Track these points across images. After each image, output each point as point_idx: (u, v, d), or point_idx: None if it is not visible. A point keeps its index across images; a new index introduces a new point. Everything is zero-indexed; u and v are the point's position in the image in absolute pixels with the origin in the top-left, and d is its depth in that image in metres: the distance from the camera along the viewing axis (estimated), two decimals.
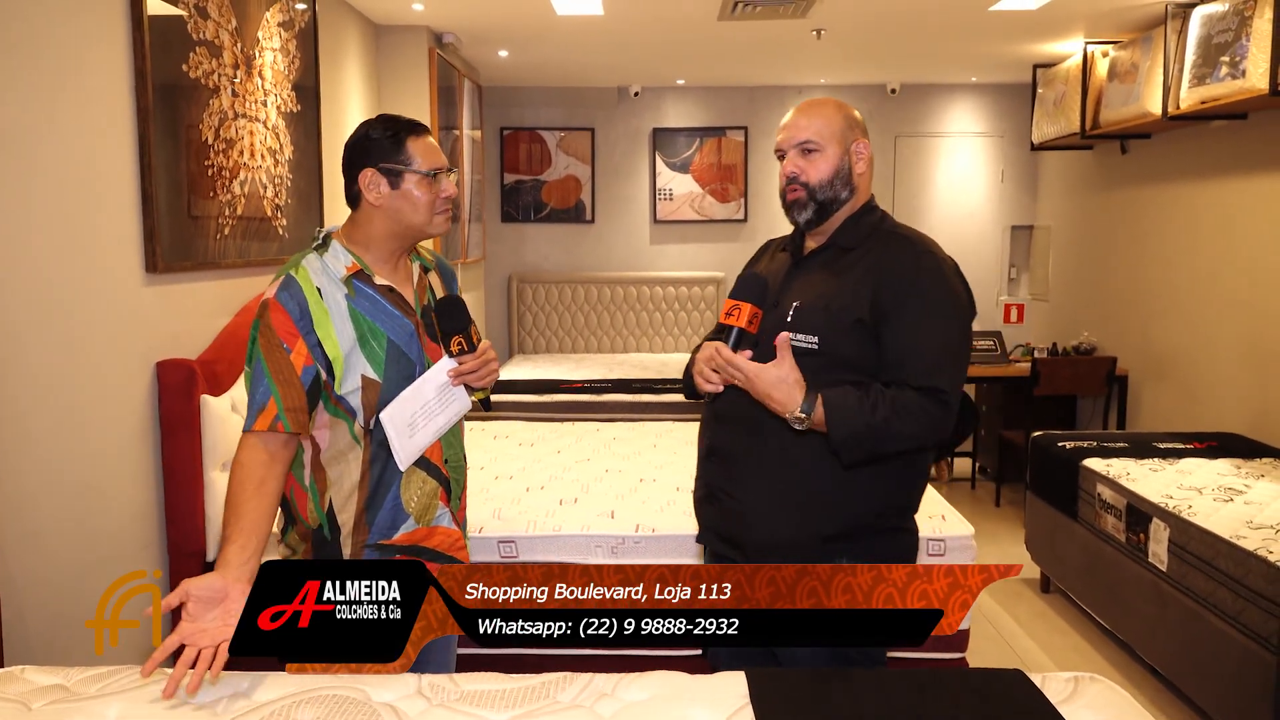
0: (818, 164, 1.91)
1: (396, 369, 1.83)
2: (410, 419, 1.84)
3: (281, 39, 3.70)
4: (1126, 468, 3.79)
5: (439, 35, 5.49)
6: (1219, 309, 4.82)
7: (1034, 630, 3.92)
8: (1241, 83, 3.97)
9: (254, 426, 1.73)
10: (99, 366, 2.60)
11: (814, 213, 1.92)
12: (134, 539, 2.74)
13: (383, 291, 1.86)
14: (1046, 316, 6.95)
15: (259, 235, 3.51)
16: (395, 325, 1.85)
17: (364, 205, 1.85)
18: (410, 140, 1.83)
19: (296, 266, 1.81)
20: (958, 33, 5.59)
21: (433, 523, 1.91)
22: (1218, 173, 4.85)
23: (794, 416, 1.75)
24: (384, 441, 1.83)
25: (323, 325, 1.77)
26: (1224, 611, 2.93)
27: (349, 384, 1.79)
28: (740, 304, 1.84)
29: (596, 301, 7.60)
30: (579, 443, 4.06)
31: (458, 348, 1.87)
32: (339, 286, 1.81)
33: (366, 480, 1.84)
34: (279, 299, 1.77)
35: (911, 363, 1.79)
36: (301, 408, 1.75)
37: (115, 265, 2.68)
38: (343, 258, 1.83)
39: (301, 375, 1.74)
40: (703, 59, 6.45)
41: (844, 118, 1.95)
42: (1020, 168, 7.49)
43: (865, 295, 1.82)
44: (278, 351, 1.74)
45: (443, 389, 1.87)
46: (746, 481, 1.90)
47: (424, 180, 1.83)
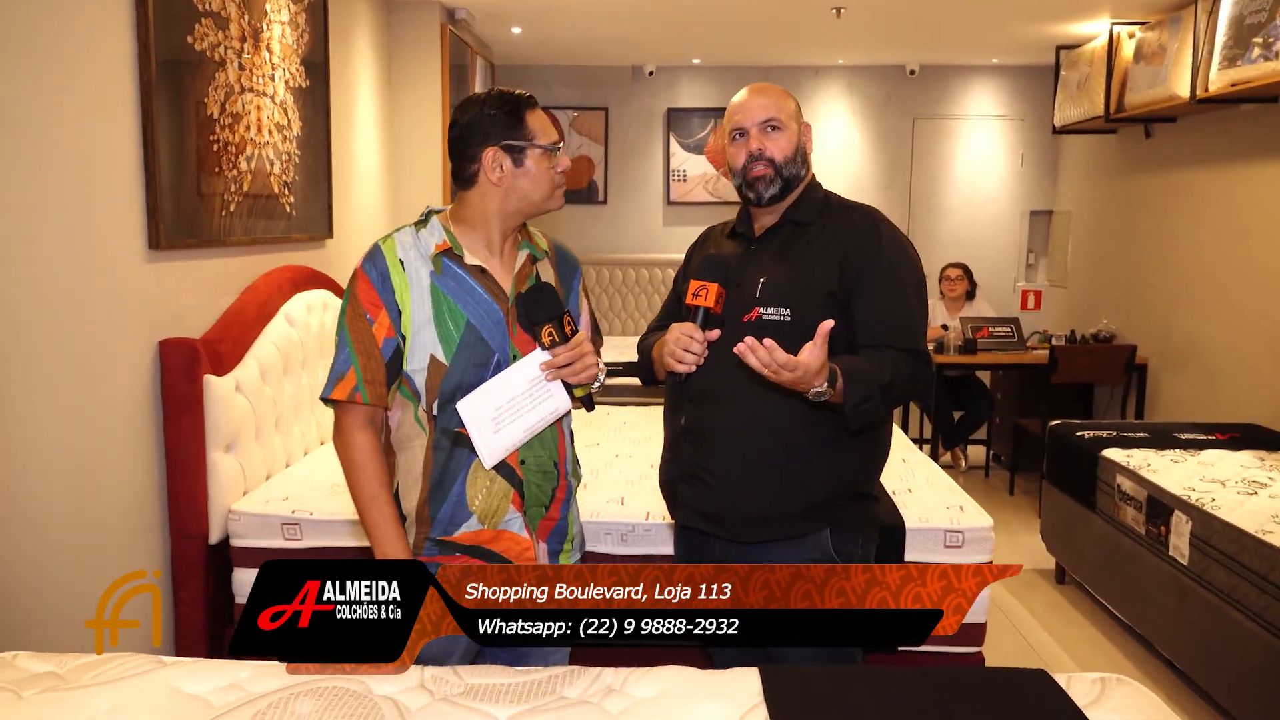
0: (780, 141, 1.96)
1: (469, 355, 1.74)
2: (494, 413, 1.75)
3: (290, 12, 3.63)
4: (1147, 458, 3.71)
5: (451, 11, 5.41)
6: (1242, 298, 4.72)
7: (1049, 623, 3.85)
8: (1275, 64, 3.86)
9: (332, 395, 1.73)
10: (100, 345, 2.55)
11: (779, 189, 1.97)
12: (135, 522, 2.70)
13: (473, 272, 1.78)
14: (1064, 303, 6.85)
15: (265, 213, 3.46)
16: (480, 309, 1.76)
17: (481, 184, 1.78)
18: (529, 115, 1.78)
19: (387, 239, 1.78)
20: (980, 12, 5.47)
21: (500, 525, 1.81)
22: (1246, 157, 4.73)
23: (816, 391, 1.74)
24: (448, 430, 1.75)
25: (402, 296, 1.73)
26: (1247, 607, 2.86)
27: (415, 362, 1.74)
28: (707, 284, 1.86)
29: (609, 283, 7.53)
30: (589, 427, 4.00)
31: (549, 339, 1.76)
32: (426, 262, 1.76)
33: (430, 470, 1.77)
34: (364, 268, 1.75)
35: (891, 327, 1.87)
36: (381, 380, 1.73)
37: (117, 242, 2.62)
38: (437, 234, 1.78)
39: (383, 347, 1.72)
40: (719, 37, 6.35)
41: (794, 101, 2.03)
42: (1040, 151, 7.37)
43: (833, 268, 1.90)
44: (361, 322, 1.73)
45: (535, 384, 1.77)
46: (726, 459, 1.93)
47: (545, 155, 1.78)
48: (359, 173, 4.66)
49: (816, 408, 1.82)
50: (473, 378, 1.75)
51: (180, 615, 2.85)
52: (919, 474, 3.33)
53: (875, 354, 1.84)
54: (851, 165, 7.46)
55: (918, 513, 2.90)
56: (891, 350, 1.85)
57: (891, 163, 7.52)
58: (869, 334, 1.88)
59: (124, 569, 2.61)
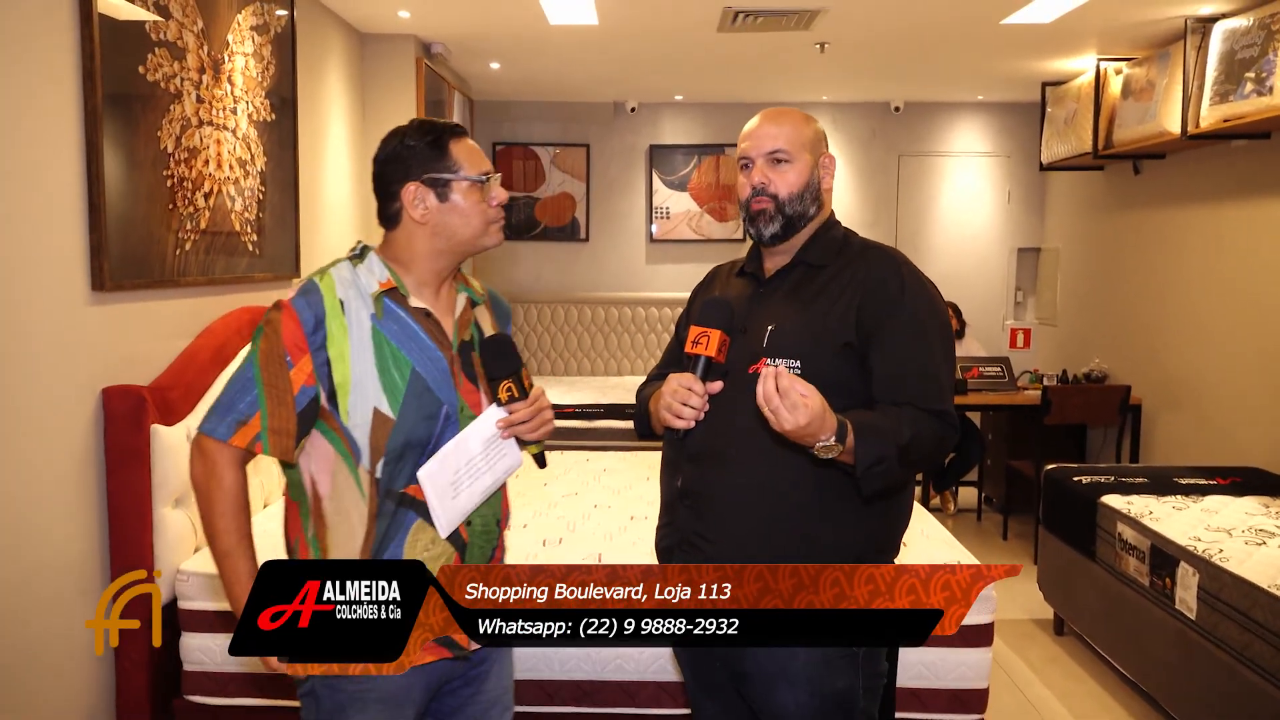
0: (787, 175, 1.79)
1: (417, 407, 1.59)
2: (453, 478, 1.61)
3: (255, 43, 3.49)
4: (1148, 505, 3.56)
5: (427, 45, 5.30)
6: (1238, 336, 4.61)
7: (1049, 677, 3.68)
8: (1269, 100, 3.77)
9: (231, 440, 1.54)
10: (36, 394, 2.37)
11: (781, 227, 1.79)
12: (74, 583, 2.50)
13: (417, 316, 1.64)
14: (1054, 342, 6.74)
15: (226, 251, 3.29)
16: (425, 357, 1.62)
17: (405, 223, 1.65)
18: (453, 144, 1.64)
19: (323, 274, 1.62)
20: (966, 48, 5.41)
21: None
22: (1238, 194, 4.64)
23: (823, 444, 1.55)
24: (392, 491, 1.60)
25: (337, 343, 1.56)
26: (1261, 666, 2.70)
27: (357, 416, 1.57)
28: (708, 331, 1.68)
29: (590, 323, 7.38)
30: (567, 474, 3.83)
31: (507, 395, 1.63)
32: (366, 303, 1.60)
33: (371, 538, 1.60)
34: (294, 304, 1.57)
35: (913, 384, 1.69)
36: (289, 432, 1.55)
37: (57, 283, 2.45)
38: (377, 272, 1.63)
39: (298, 395, 1.54)
40: (701, 73, 6.27)
41: (813, 129, 1.84)
42: (1027, 188, 7.30)
43: (850, 316, 1.72)
44: (278, 364, 1.54)
45: (490, 443, 1.65)
46: (726, 525, 1.75)
47: (474, 188, 1.64)
48: (329, 209, 4.50)
49: (826, 466, 1.64)
50: (422, 431, 1.60)
51: (121, 685, 2.64)
52: (914, 525, 3.16)
53: (894, 411, 1.65)
54: (837, 202, 7.30)
55: None
56: (912, 409, 1.66)
57: (877, 199, 7.44)
58: (888, 391, 1.69)
59: (60, 636, 2.41)
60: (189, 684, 2.69)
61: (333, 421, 1.58)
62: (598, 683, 2.67)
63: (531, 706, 2.67)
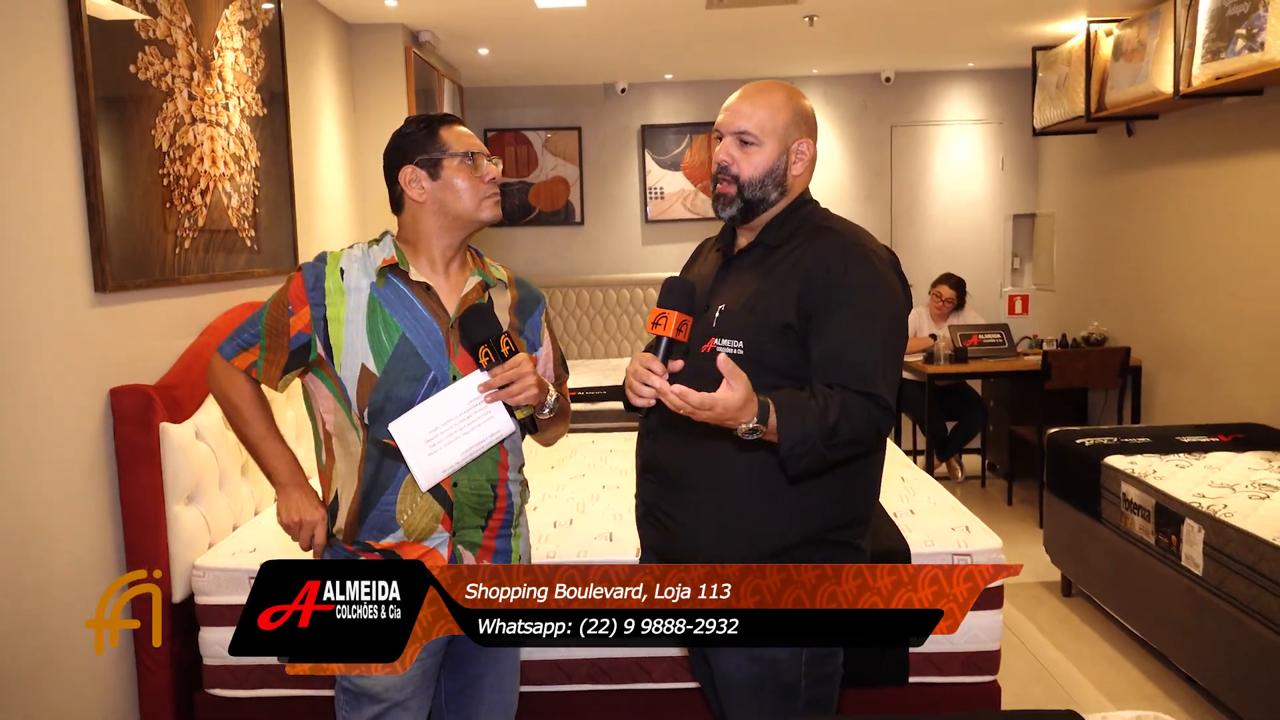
0: (753, 158, 1.77)
1: (402, 369, 1.77)
2: (429, 435, 1.75)
3: (244, 38, 3.48)
4: (1152, 465, 3.58)
5: (415, 34, 5.27)
6: (1236, 293, 4.62)
7: (1059, 638, 3.71)
8: (1260, 55, 3.76)
9: (233, 361, 1.82)
10: (43, 397, 2.37)
11: (739, 210, 1.80)
12: (91, 583, 2.52)
13: (416, 289, 1.82)
14: (1053, 307, 6.75)
15: (224, 247, 3.30)
16: (419, 325, 1.80)
17: (409, 205, 1.84)
18: (442, 129, 1.83)
19: (338, 250, 1.85)
20: (955, 15, 5.38)
21: (426, 542, 1.83)
22: (1231, 152, 4.64)
23: (746, 428, 1.56)
24: (378, 441, 1.78)
25: (334, 303, 1.78)
26: (1268, 618, 2.73)
27: (347, 370, 1.77)
28: (667, 312, 1.68)
29: (589, 305, 7.38)
30: (574, 456, 3.85)
31: (486, 359, 1.77)
32: (369, 274, 1.81)
33: (361, 474, 1.80)
34: (304, 267, 1.82)
35: (848, 366, 1.66)
36: (279, 364, 1.80)
37: (60, 286, 2.46)
38: (387, 250, 1.83)
39: (293, 337, 1.78)
40: (691, 52, 6.24)
41: (792, 111, 1.79)
42: (1020, 154, 7.28)
43: (792, 296, 1.71)
44: (281, 310, 1.79)
45: (474, 405, 1.78)
46: (685, 499, 1.79)
47: (463, 164, 1.81)
48: (325, 202, 4.50)
49: (753, 448, 1.65)
50: (404, 391, 1.77)
51: (144, 680, 2.67)
52: (919, 493, 3.19)
53: (824, 392, 1.62)
54: (830, 176, 7.35)
55: (922, 536, 2.76)
56: (842, 391, 1.62)
57: (871, 172, 7.42)
58: (822, 373, 1.66)
59: (80, 634, 2.43)
60: (210, 677, 2.72)
61: (329, 370, 1.79)
62: (614, 659, 2.70)
63: (548, 685, 2.70)
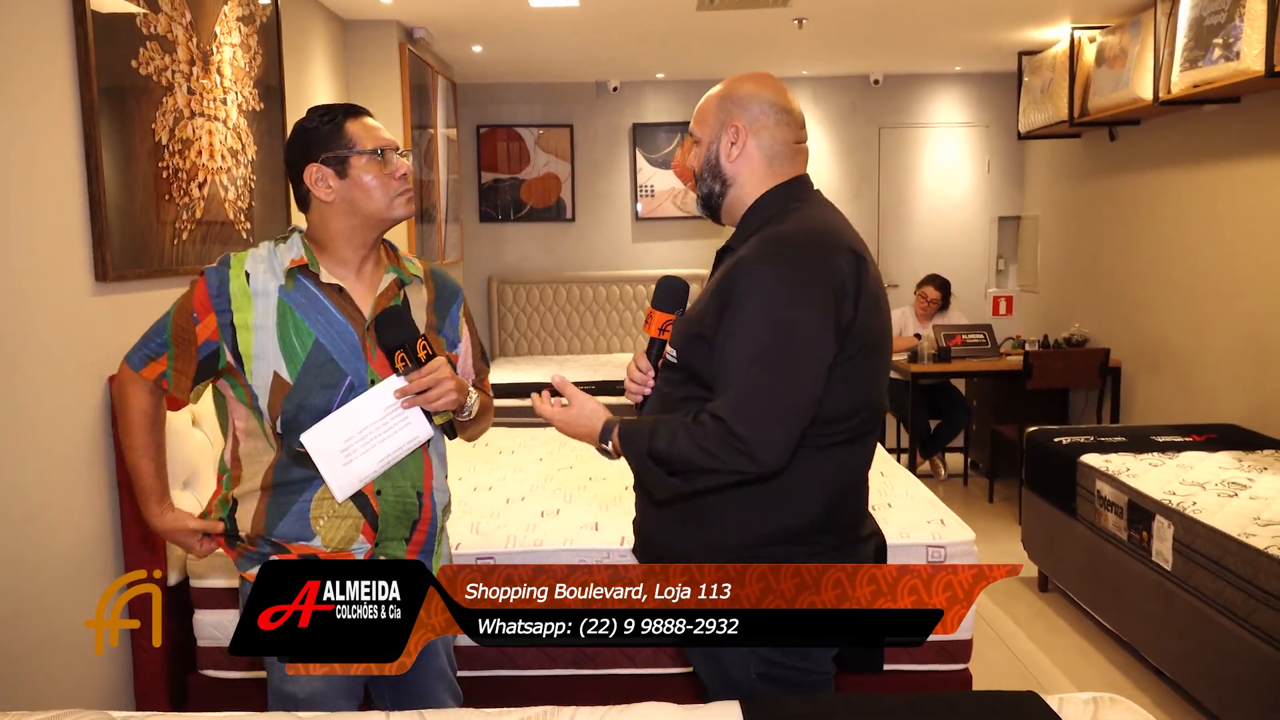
0: (696, 155, 1.74)
1: (316, 376, 1.70)
2: (344, 444, 1.69)
3: (241, 34, 3.54)
4: (1126, 463, 3.68)
5: (410, 30, 5.34)
6: (1214, 297, 4.72)
7: (1034, 631, 3.80)
8: (1235, 65, 3.86)
9: (141, 372, 1.75)
10: (44, 384, 2.43)
11: (702, 208, 1.78)
12: (88, 567, 2.58)
13: (328, 291, 1.74)
14: (1036, 308, 6.85)
15: (221, 239, 3.36)
16: (332, 329, 1.72)
17: (316, 204, 1.74)
18: (349, 123, 1.72)
19: (242, 251, 1.76)
20: (942, 20, 5.47)
21: (346, 550, 1.76)
22: (1210, 158, 4.74)
23: (599, 447, 1.66)
24: (291, 450, 1.71)
25: (241, 309, 1.70)
26: (1233, 612, 2.82)
27: (259, 378, 1.70)
28: (654, 312, 1.75)
29: (579, 302, 7.46)
30: (561, 449, 3.92)
31: (402, 365, 1.71)
32: (276, 277, 1.71)
33: (270, 484, 1.73)
34: (206, 273, 1.74)
35: (720, 387, 1.55)
36: (189, 374, 1.73)
37: (61, 274, 2.52)
38: (295, 250, 1.74)
39: (201, 345, 1.71)
40: (682, 51, 6.32)
41: (719, 99, 1.69)
42: (1006, 158, 7.39)
43: (715, 304, 1.60)
44: (186, 318, 1.72)
45: (390, 411, 1.71)
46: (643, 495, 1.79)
47: (372, 161, 1.71)
48: None
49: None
50: (319, 399, 1.70)
51: (139, 662, 2.73)
52: (898, 487, 3.27)
53: (676, 417, 1.56)
54: (818, 176, 7.42)
55: (898, 528, 2.84)
56: (695, 415, 1.54)
57: (859, 173, 7.51)
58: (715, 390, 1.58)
59: (77, 617, 2.49)
60: (204, 659, 2.78)
61: (240, 378, 1.71)
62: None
63: (531, 670, 2.77)
